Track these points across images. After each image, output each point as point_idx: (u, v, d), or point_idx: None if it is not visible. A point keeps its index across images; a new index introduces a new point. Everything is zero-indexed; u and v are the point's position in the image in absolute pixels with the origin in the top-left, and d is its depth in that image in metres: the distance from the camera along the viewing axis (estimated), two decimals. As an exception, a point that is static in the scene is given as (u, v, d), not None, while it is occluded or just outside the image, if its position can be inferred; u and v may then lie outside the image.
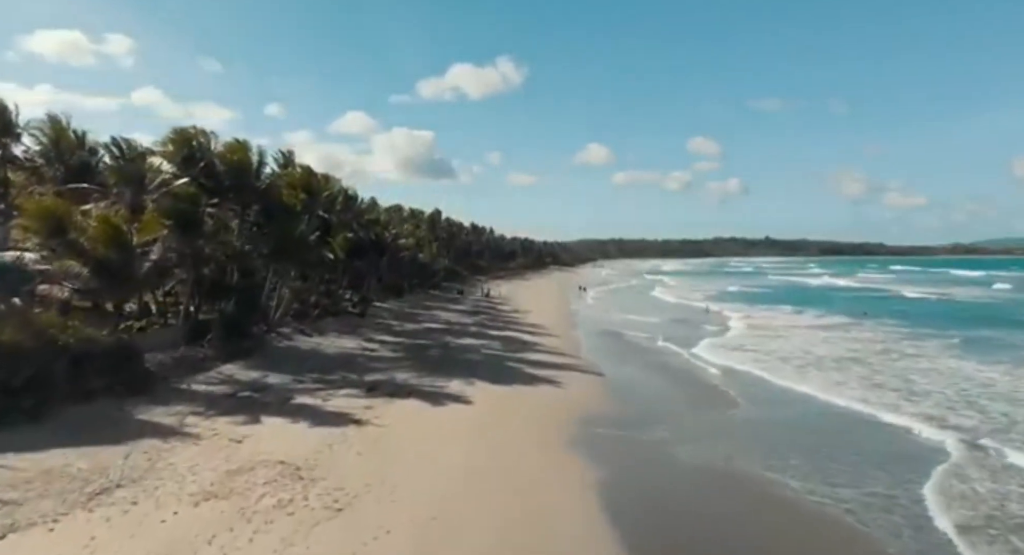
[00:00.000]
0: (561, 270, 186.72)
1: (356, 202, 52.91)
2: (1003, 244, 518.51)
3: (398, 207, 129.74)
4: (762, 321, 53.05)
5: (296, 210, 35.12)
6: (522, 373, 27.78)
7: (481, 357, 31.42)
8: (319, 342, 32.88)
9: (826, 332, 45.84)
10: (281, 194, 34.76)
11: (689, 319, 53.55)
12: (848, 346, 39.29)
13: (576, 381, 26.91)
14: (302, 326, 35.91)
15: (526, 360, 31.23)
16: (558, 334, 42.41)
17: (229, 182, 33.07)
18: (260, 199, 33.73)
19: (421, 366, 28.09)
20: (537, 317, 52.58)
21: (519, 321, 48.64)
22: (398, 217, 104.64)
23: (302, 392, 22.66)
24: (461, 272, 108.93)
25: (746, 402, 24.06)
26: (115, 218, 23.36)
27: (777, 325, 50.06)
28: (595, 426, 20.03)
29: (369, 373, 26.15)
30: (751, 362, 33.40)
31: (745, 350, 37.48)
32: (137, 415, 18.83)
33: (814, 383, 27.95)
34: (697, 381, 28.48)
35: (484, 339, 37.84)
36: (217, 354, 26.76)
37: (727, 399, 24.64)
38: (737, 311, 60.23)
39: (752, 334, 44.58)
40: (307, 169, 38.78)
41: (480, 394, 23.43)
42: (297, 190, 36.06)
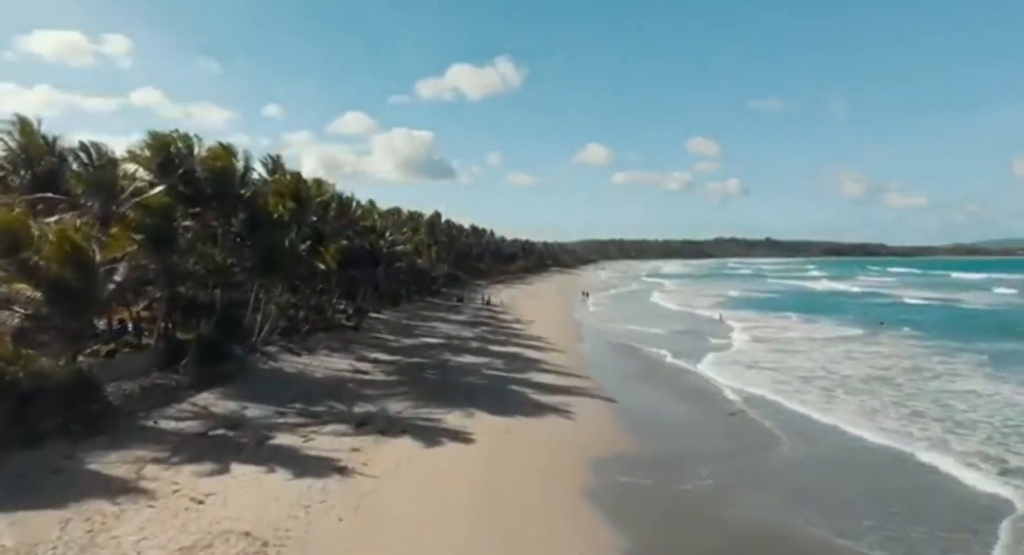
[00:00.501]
0: (562, 272, 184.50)
1: (351, 208, 50.55)
2: (1003, 245, 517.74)
3: (397, 210, 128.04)
4: (774, 332, 50.65)
5: (284, 220, 32.75)
6: (527, 400, 25.40)
7: (482, 380, 29.04)
8: (307, 362, 30.50)
9: (845, 345, 43.43)
10: (267, 203, 32.40)
11: (696, 330, 51.12)
12: (872, 363, 36.90)
13: (586, 409, 24.54)
14: (290, 344, 33.53)
15: (531, 382, 28.85)
16: (563, 349, 40.04)
17: (211, 190, 30.76)
18: (245, 208, 31.40)
19: (417, 392, 25.71)
20: (540, 328, 50.20)
21: (522, 334, 46.26)
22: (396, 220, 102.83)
23: (283, 428, 20.28)
24: (461, 276, 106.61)
25: (781, 437, 21.72)
26: (76, 233, 20.97)
27: (791, 337, 47.65)
28: (614, 471, 17.65)
29: (359, 402, 23.77)
30: (771, 384, 31.02)
31: (762, 368, 35.09)
32: (89, 463, 16.46)
33: (847, 412, 25.54)
34: (718, 408, 26.12)
35: (485, 356, 35.47)
36: (193, 381, 24.39)
37: (759, 434, 22.29)
38: (745, 320, 57.83)
39: (766, 348, 42.19)
40: (295, 176, 36.41)
41: (481, 428, 21.06)
42: (285, 198, 33.68)
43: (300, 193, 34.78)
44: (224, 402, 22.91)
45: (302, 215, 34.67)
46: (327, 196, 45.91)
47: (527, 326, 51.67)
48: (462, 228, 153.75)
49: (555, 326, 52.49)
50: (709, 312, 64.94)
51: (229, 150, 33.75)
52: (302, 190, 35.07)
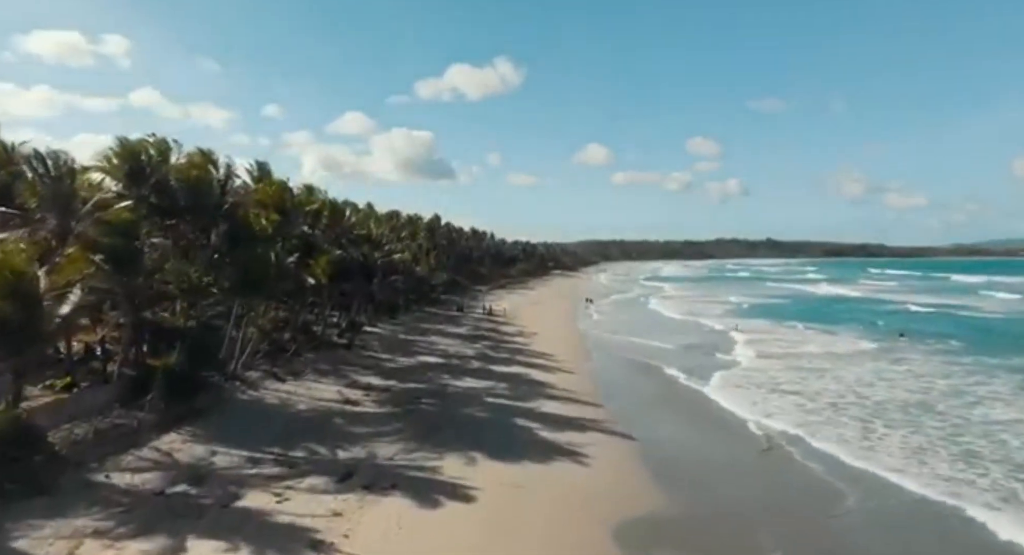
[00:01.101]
0: (564, 275, 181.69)
1: (344, 216, 47.79)
2: (1005, 245, 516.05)
3: (395, 213, 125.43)
4: (789, 346, 47.87)
5: (267, 233, 30.02)
6: (535, 439, 22.64)
7: (484, 411, 26.28)
8: (292, 390, 27.76)
9: (871, 362, 40.65)
10: (249, 215, 29.68)
11: (705, 344, 48.25)
12: (906, 385, 34.16)
13: (603, 450, 21.79)
14: (275, 367, 30.79)
15: (538, 414, 26.11)
16: (570, 368, 37.31)
17: (186, 201, 28.08)
18: (224, 221, 28.68)
19: (411, 430, 22.97)
20: (544, 342, 47.46)
21: (525, 349, 43.51)
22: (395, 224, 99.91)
23: (254, 482, 17.56)
24: (461, 282, 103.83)
25: (834, 488, 19.10)
26: (18, 257, 18.25)
27: (810, 353, 44.89)
28: (646, 541, 14.93)
29: (345, 444, 21.02)
30: (799, 412, 28.29)
31: (784, 392, 32.35)
32: (16, 539, 13.75)
33: (893, 452, 22.78)
34: (747, 443, 23.49)
35: (487, 379, 32.72)
36: (158, 419, 21.67)
37: (805, 482, 19.76)
38: (756, 332, 55.08)
39: (785, 366, 39.42)
40: (280, 184, 33.59)
41: (483, 480, 18.32)
42: (268, 209, 30.96)
43: (285, 203, 32.01)
44: (192, 446, 20.18)
45: (287, 227, 31.92)
46: (318, 204, 43.27)
47: (530, 339, 48.93)
48: (462, 231, 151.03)
49: (559, 339, 49.74)
50: (713, 322, 61.92)
51: (208, 157, 31.14)
52: (287, 200, 32.27)
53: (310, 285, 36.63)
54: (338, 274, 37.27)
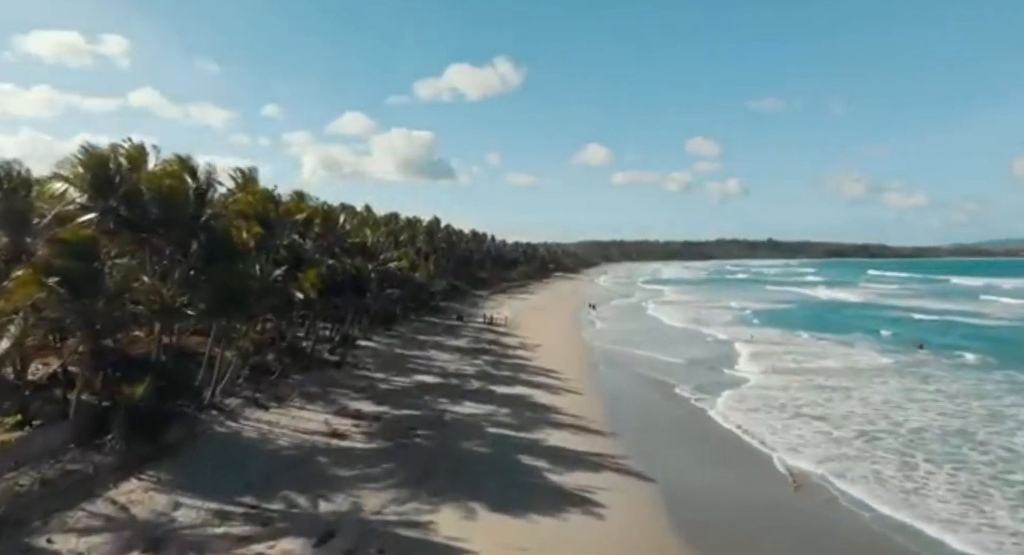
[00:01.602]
0: (565, 277, 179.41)
1: (338, 223, 45.37)
2: (1005, 245, 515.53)
3: (394, 215, 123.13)
4: (805, 359, 45.54)
5: (250, 246, 27.62)
6: (541, 484, 20.23)
7: (485, 445, 23.86)
8: (274, 421, 25.34)
9: (897, 380, 38.27)
10: (229, 227, 27.27)
11: (713, 358, 45.75)
12: (939, 407, 31.84)
13: (619, 496, 19.39)
14: (258, 392, 28.40)
15: (545, 448, 23.70)
16: (576, 387, 34.91)
17: (158, 214, 25.65)
18: (201, 235, 26.26)
19: (404, 471, 20.56)
20: (549, 356, 45.09)
21: (529, 365, 41.08)
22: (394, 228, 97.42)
23: (219, 545, 15.19)
24: (461, 287, 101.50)
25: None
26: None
27: (827, 368, 42.48)
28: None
29: (328, 492, 18.61)
30: (827, 443, 25.98)
31: (806, 416, 30.04)
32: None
33: (945, 499, 20.31)
34: (779, 490, 21.06)
35: (488, 403, 30.31)
36: (119, 462, 19.31)
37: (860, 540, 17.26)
38: (765, 343, 52.70)
39: (805, 384, 37.07)
40: (264, 193, 31.06)
41: (483, 540, 15.95)
42: (251, 221, 28.55)
43: (269, 214, 29.55)
44: (153, 495, 17.79)
45: (272, 239, 29.48)
46: (309, 211, 40.88)
47: (534, 353, 46.52)
48: (462, 234, 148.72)
49: (564, 353, 47.34)
50: (718, 331, 59.34)
51: (186, 164, 28.69)
52: (272, 210, 29.81)
53: (298, 300, 34.27)
54: (328, 288, 34.83)
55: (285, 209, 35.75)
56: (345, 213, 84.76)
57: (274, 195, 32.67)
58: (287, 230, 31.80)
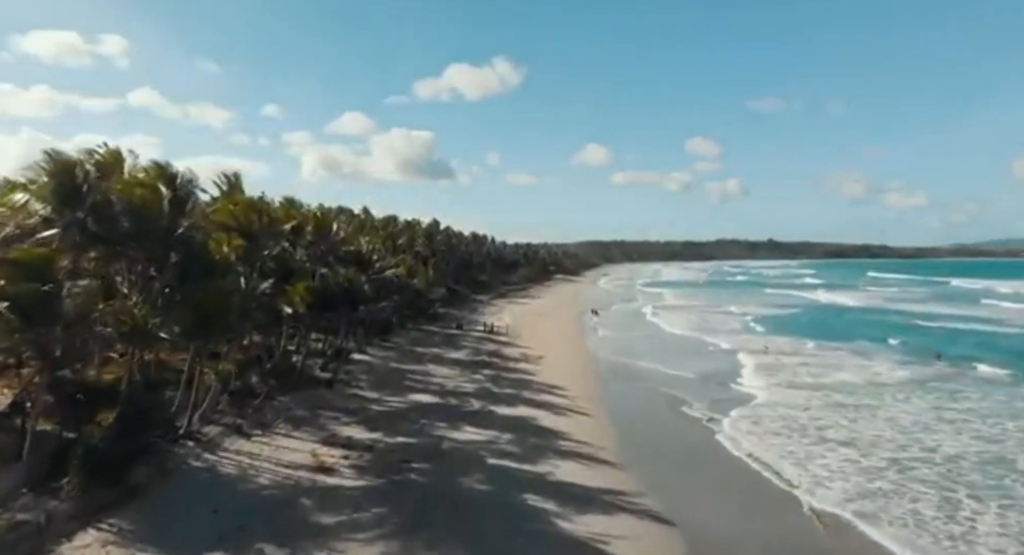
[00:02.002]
0: (566, 279, 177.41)
1: (332, 230, 43.27)
2: (1006, 245, 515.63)
3: (393, 218, 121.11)
4: (820, 371, 43.50)
5: (231, 261, 25.52)
6: (549, 532, 18.10)
7: (486, 482, 21.73)
8: (256, 452, 23.24)
9: (923, 397, 36.13)
10: (208, 240, 25.18)
11: (722, 371, 43.52)
12: (973, 429, 29.87)
13: (638, 546, 17.29)
14: (241, 417, 26.32)
15: (552, 485, 21.59)
16: (583, 407, 32.79)
17: (130, 227, 23.57)
18: (177, 249, 24.17)
19: (396, 517, 18.45)
20: (553, 369, 42.98)
21: (533, 381, 38.95)
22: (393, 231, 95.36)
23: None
24: (461, 291, 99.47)
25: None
26: None
27: (846, 382, 40.38)
28: None
29: (309, 545, 16.51)
30: (856, 475, 23.94)
31: (830, 441, 28.05)
32: None
33: (1000, 550, 18.21)
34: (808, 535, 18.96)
35: (489, 427, 28.20)
36: (76, 509, 17.21)
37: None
38: (776, 353, 50.53)
39: (824, 403, 34.93)
40: (247, 202, 28.86)
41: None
42: (232, 233, 26.44)
43: (253, 225, 27.41)
44: (111, 551, 15.71)
45: (256, 252, 27.35)
46: (299, 219, 38.83)
47: (537, 366, 44.39)
48: (462, 236, 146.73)
49: (568, 365, 45.25)
50: (722, 341, 57.03)
51: (163, 171, 26.64)
52: (255, 221, 27.66)
53: (287, 315, 32.23)
54: (319, 302, 32.73)
55: (274, 217, 33.71)
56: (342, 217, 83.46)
57: (259, 203, 30.51)
58: (274, 240, 29.59)
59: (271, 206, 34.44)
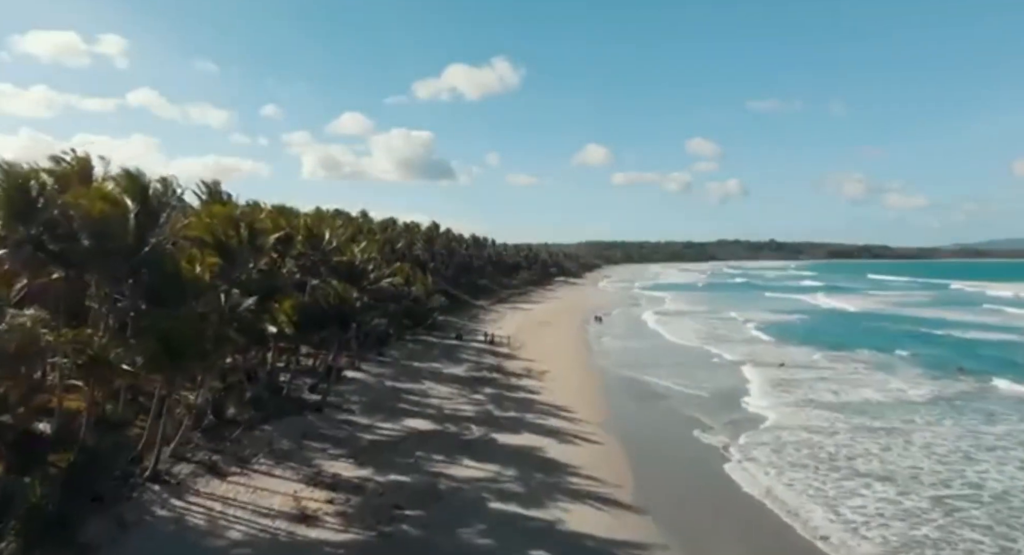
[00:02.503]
0: (567, 283, 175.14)
1: (323, 240, 40.85)
2: (1006, 245, 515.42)
3: (392, 221, 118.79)
4: (841, 389, 40.91)
5: (204, 281, 23.10)
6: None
7: (488, 534, 19.25)
8: (231, 497, 20.81)
9: (955, 418, 33.74)
10: (178, 259, 22.77)
11: (735, 388, 41.13)
12: (1016, 456, 27.82)
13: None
14: (218, 451, 23.93)
15: (564, 535, 19.20)
16: (594, 433, 30.34)
17: (90, 246, 21.18)
18: (144, 269, 21.78)
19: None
20: (558, 386, 40.60)
21: (537, 401, 36.54)
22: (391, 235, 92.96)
23: None
24: (460, 297, 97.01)
25: None
26: None
27: (870, 401, 38.04)
28: None
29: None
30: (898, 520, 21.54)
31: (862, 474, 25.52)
32: None
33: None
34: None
35: (491, 460, 25.78)
36: (13, 580, 14.78)
37: None
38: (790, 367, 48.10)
39: (851, 426, 32.55)
40: (225, 214, 26.23)
41: None
42: (207, 250, 24.01)
43: (231, 240, 24.93)
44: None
45: (234, 270, 24.88)
46: (288, 229, 36.47)
47: (541, 382, 41.98)
48: (462, 238, 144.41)
49: (573, 380, 42.89)
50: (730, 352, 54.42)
51: (135, 180, 24.21)
52: (233, 236, 25.17)
53: (271, 334, 29.84)
54: (308, 320, 30.31)
55: (258, 229, 31.28)
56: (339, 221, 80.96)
57: (245, 212, 27.96)
58: (256, 256, 27.13)
59: (257, 216, 31.99)
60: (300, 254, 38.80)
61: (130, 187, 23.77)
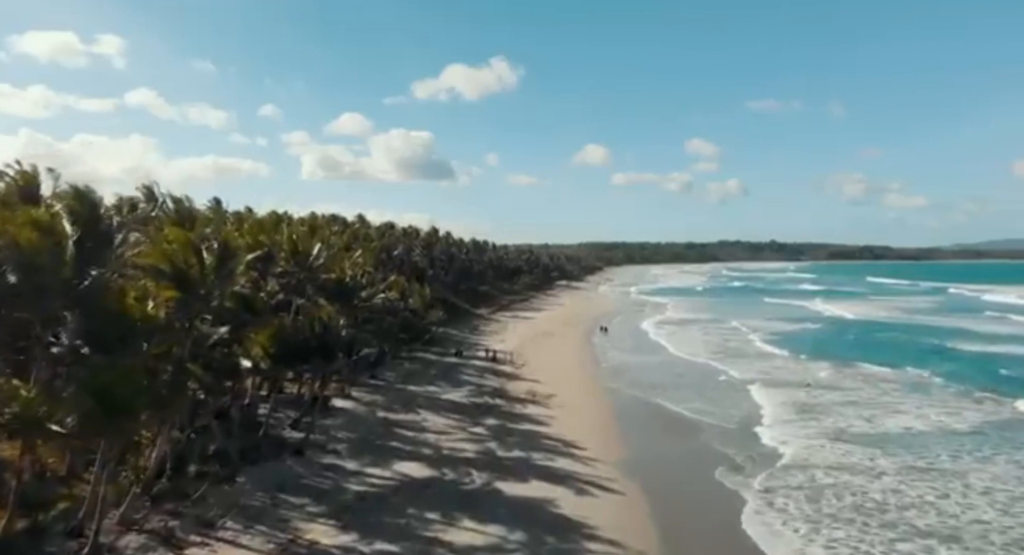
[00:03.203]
0: (570, 287, 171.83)
1: (311, 255, 37.41)
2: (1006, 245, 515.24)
3: (391, 226, 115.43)
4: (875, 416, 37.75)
5: (158, 319, 19.67)
6: None
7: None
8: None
9: (1007, 457, 30.34)
10: (128, 293, 19.36)
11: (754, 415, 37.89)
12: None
13: None
14: (177, 512, 20.57)
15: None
16: (610, 476, 26.96)
17: (19, 281, 17.80)
18: (81, 309, 18.39)
19: None
20: (566, 412, 37.32)
21: (545, 434, 33.16)
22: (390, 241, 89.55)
23: None
24: (460, 305, 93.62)
25: None
26: None
27: (912, 431, 34.90)
28: None
29: None
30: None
31: (925, 533, 22.09)
32: None
33: None
34: None
35: (495, 519, 22.36)
36: None
37: None
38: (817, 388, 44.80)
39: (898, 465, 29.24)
40: (184, 240, 22.27)
41: None
42: (160, 285, 20.54)
43: (191, 269, 21.37)
44: None
45: (194, 304, 21.38)
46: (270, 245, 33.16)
47: (548, 409, 38.57)
48: (462, 243, 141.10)
49: (583, 406, 39.56)
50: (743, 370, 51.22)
51: (82, 199, 20.86)
52: (193, 265, 21.58)
53: (246, 369, 26.49)
54: (288, 352, 26.88)
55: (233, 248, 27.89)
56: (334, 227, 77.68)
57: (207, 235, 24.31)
58: (227, 282, 23.64)
59: (231, 234, 28.57)
60: (283, 273, 35.46)
61: (77, 208, 20.43)
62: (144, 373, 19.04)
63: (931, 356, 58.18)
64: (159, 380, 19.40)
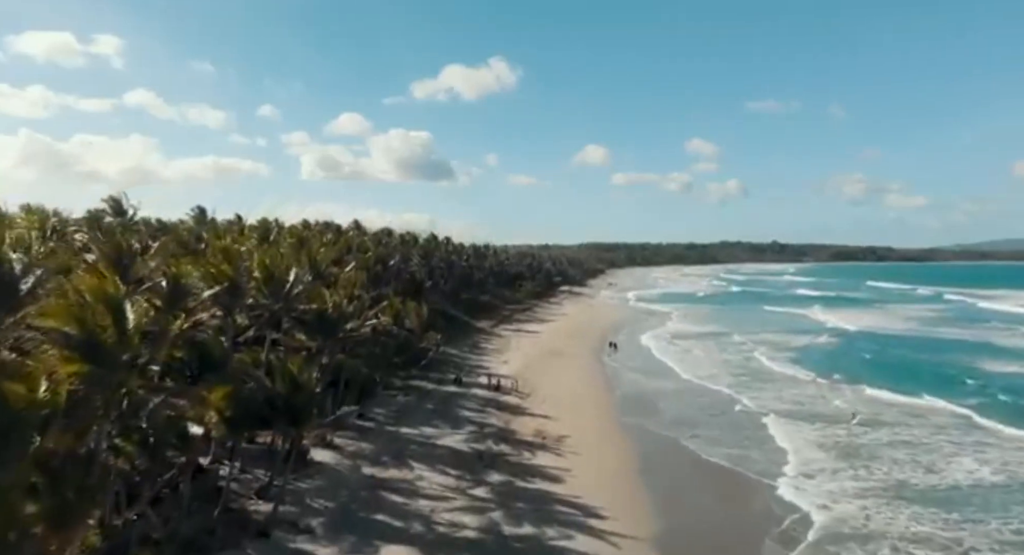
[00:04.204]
0: (572, 293, 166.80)
1: (286, 284, 32.48)
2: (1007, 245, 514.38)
3: (388, 232, 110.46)
4: (933, 461, 33.20)
5: (57, 403, 14.68)
6: None
7: None
8: None
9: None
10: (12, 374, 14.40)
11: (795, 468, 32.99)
12: None
13: None
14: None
15: None
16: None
17: None
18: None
19: None
20: (582, 463, 32.47)
21: (559, 498, 28.20)
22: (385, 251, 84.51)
23: None
24: (459, 318, 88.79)
25: None
26: None
27: (983, 483, 30.16)
28: None
29: None
30: None
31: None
32: None
33: None
34: None
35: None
36: None
37: None
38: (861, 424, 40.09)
39: (971, 532, 24.85)
40: (100, 291, 16.95)
41: None
42: (69, 353, 15.56)
43: (104, 334, 16.24)
44: None
45: (108, 377, 16.29)
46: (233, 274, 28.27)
47: (560, 458, 33.67)
48: (462, 248, 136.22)
49: (600, 452, 34.74)
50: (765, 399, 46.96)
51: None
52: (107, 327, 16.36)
53: (197, 437, 21.59)
54: (246, 416, 21.93)
55: (184, 287, 23.00)
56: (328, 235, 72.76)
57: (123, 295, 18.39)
58: (162, 339, 18.68)
59: (183, 269, 23.66)
60: (253, 306, 30.63)
61: None
62: (41, 474, 14.26)
63: (963, 378, 53.52)
64: (63, 481, 14.53)
